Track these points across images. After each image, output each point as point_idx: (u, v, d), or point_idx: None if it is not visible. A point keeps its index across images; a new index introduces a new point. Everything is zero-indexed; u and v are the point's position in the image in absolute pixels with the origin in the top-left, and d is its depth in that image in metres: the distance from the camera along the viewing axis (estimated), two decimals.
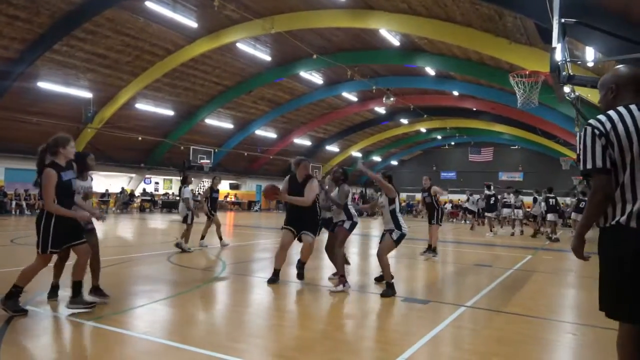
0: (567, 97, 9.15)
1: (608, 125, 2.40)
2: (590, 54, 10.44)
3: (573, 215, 18.23)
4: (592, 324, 4.93)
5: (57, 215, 4.40)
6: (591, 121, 2.48)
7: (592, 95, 12.17)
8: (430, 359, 3.80)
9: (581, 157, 2.46)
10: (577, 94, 11.00)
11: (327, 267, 7.81)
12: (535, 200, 16.96)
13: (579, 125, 13.89)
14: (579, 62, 11.43)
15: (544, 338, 4.46)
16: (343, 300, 5.50)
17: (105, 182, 29.19)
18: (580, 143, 2.49)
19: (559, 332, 4.67)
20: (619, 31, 7.00)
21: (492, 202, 17.41)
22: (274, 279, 6.31)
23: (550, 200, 15.83)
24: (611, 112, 2.46)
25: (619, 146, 2.37)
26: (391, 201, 6.00)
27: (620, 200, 2.40)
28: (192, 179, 32.96)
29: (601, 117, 2.47)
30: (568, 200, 28.10)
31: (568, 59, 5.90)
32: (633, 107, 2.44)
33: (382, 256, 5.85)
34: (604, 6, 8.48)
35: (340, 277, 6.07)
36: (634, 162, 2.36)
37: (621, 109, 2.45)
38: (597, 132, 2.41)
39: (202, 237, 10.36)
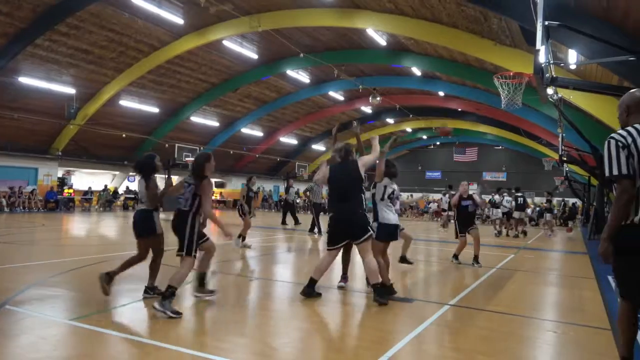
0: (550, 99, 9.27)
1: (629, 139, 2.87)
2: (572, 57, 10.58)
3: (548, 216, 18.76)
4: (572, 322, 5.03)
5: (196, 219, 4.81)
6: (614, 135, 2.93)
7: (574, 97, 12.38)
8: (415, 357, 3.83)
9: (607, 165, 2.90)
10: (559, 95, 11.17)
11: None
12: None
13: (562, 127, 14.13)
14: (562, 65, 11.60)
15: (526, 335, 4.53)
16: (329, 299, 5.51)
17: (88, 179, 28.79)
18: (605, 153, 2.92)
19: (540, 330, 4.74)
20: (600, 34, 7.12)
21: None
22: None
23: (519, 199, 16.26)
24: (630, 129, 2.94)
25: (639, 157, 2.84)
26: (374, 184, 5.89)
27: (635, 203, 2.85)
28: (177, 177, 32.65)
29: (622, 132, 2.93)
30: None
31: (551, 61, 5.99)
32: None
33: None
34: (586, 10, 8.62)
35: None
36: None
37: (638, 126, 2.94)
38: (620, 144, 2.87)
39: (242, 238, 10.35)
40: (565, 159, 14.53)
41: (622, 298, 3.08)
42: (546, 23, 5.53)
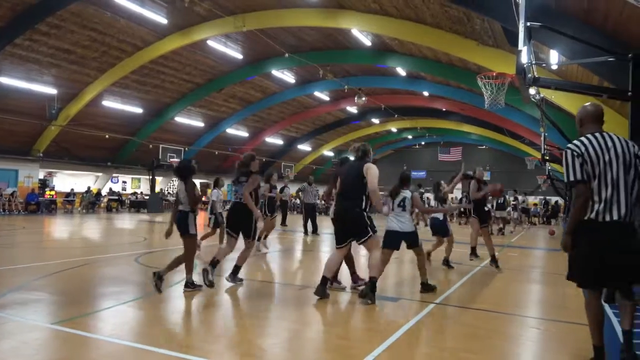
0: (532, 99, 9.39)
1: (583, 149, 3.29)
2: (554, 57, 10.74)
3: (515, 214, 19.20)
4: (555, 319, 5.11)
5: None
6: (570, 145, 3.34)
7: (556, 97, 12.56)
8: (400, 356, 3.85)
9: (565, 172, 3.31)
10: (541, 95, 11.32)
11: (305, 269, 7.81)
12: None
13: (544, 126, 14.33)
14: (543, 65, 11.76)
15: (510, 333, 4.59)
16: (313, 299, 5.51)
17: (71, 181, 28.33)
18: (564, 162, 3.33)
19: (523, 327, 4.81)
20: (581, 35, 7.23)
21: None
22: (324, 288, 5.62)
23: (499, 199, 16.63)
24: (583, 139, 3.35)
25: (591, 163, 3.25)
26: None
27: (590, 201, 3.26)
28: (161, 178, 32.32)
29: (576, 142, 3.35)
30: (532, 198, 29.00)
31: (533, 62, 6.05)
32: (597, 134, 3.34)
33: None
34: (567, 11, 8.76)
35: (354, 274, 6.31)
36: (600, 174, 3.24)
37: (589, 136, 3.35)
38: (575, 153, 3.28)
39: (265, 237, 10.22)
40: (547, 158, 14.71)
41: (585, 288, 3.44)
42: (528, 24, 5.59)
